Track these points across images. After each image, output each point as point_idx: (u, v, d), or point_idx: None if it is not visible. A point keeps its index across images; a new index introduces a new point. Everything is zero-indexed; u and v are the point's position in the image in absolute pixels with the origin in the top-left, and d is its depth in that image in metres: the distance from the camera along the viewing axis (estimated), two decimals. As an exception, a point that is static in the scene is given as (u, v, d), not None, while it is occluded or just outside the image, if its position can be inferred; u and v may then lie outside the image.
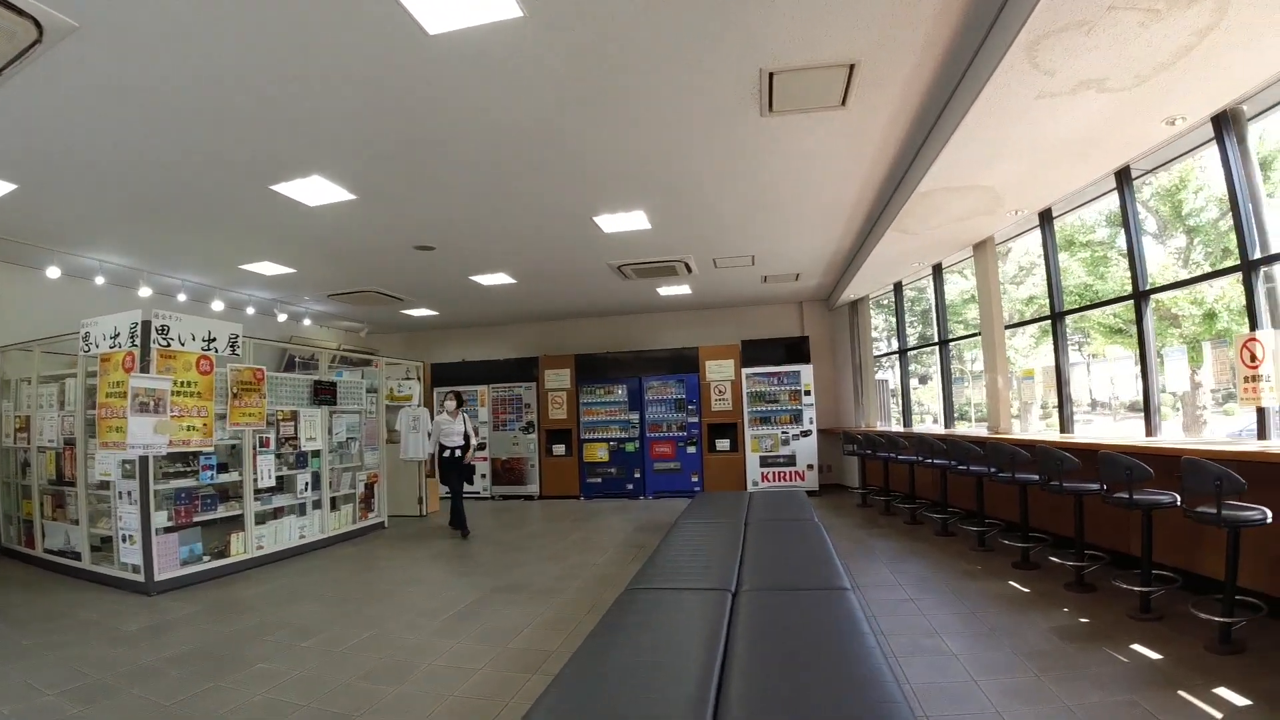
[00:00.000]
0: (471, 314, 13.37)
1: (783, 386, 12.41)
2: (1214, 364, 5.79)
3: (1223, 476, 4.12)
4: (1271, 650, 4.06)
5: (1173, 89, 4.62)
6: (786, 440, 12.26)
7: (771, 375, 12.47)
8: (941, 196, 6.58)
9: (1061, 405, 7.50)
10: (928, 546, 7.50)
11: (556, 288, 11.07)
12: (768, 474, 12.23)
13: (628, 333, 14.13)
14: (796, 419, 12.26)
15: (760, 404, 12.41)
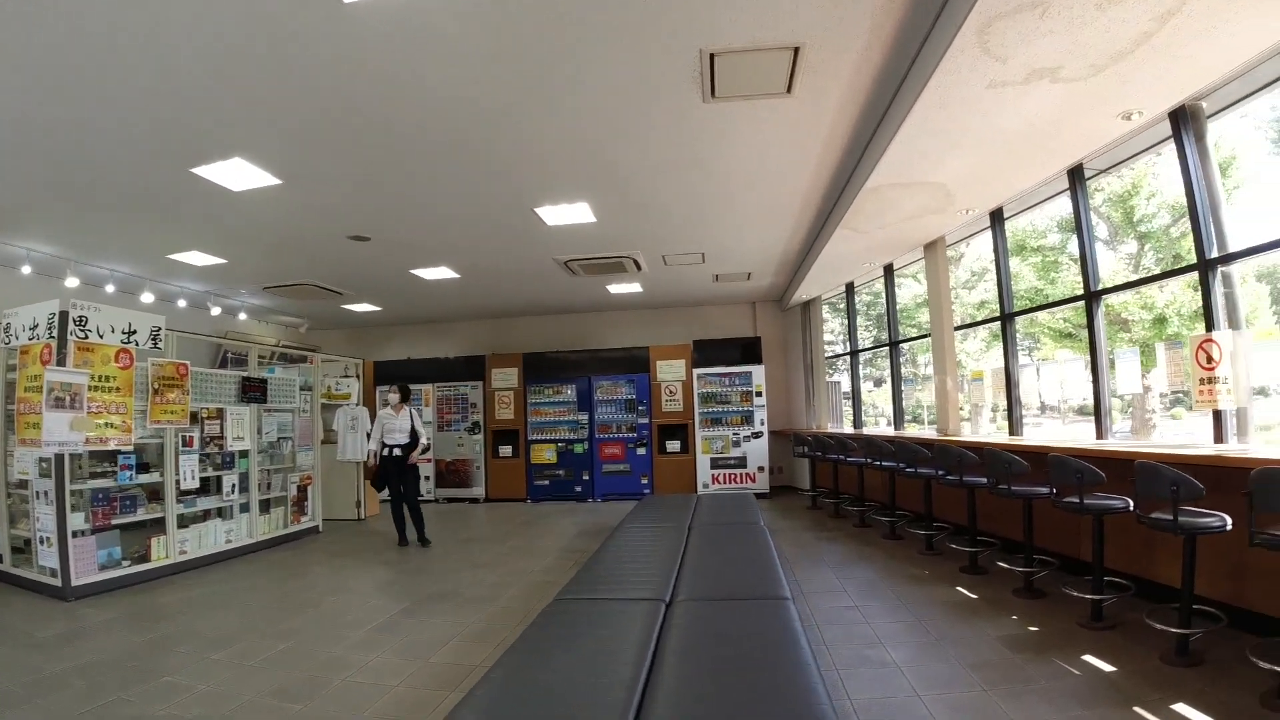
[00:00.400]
0: (416, 310, 12.94)
1: (734, 387, 12.23)
2: (1168, 366, 5.69)
3: (1179, 482, 3.98)
4: (1232, 662, 3.91)
5: (1130, 80, 4.48)
6: (738, 442, 12.08)
7: (723, 376, 12.29)
8: (891, 193, 6.42)
9: (1011, 408, 7.41)
10: (876, 550, 7.35)
11: (502, 283, 10.72)
12: (718, 476, 12.03)
13: (578, 331, 13.81)
14: (748, 420, 12.09)
15: (711, 405, 12.22)
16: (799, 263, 10.06)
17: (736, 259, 9.80)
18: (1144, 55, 4.14)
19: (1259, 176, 15.54)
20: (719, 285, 11.66)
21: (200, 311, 11.20)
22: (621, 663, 2.92)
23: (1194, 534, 4.02)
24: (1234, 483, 4.02)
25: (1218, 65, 4.39)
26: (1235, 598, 4.46)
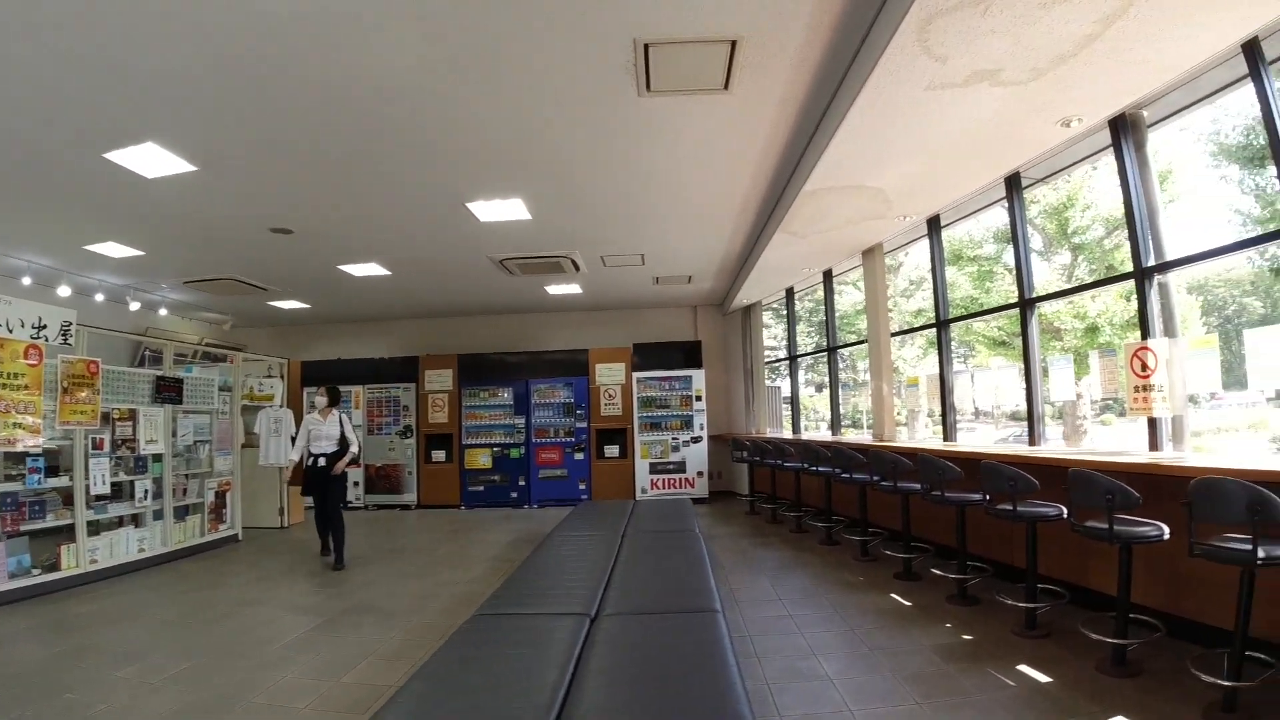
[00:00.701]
0: (346, 308, 12.48)
1: (674, 391, 12.10)
2: (1101, 374, 5.72)
3: (1115, 490, 3.94)
4: (1172, 674, 3.87)
5: (1071, 86, 4.46)
6: (677, 446, 11.94)
7: (663, 380, 12.15)
8: (829, 197, 6.36)
9: (945, 414, 7.42)
10: (811, 556, 7.28)
11: (436, 282, 10.38)
12: (657, 481, 11.88)
13: (515, 333, 13.51)
14: (687, 425, 11.96)
15: (651, 409, 12.07)
16: (739, 266, 9.99)
17: (676, 261, 9.68)
18: (1087, 59, 4.11)
19: (1196, 190, 16.06)
20: (660, 288, 11.53)
21: (120, 306, 10.62)
22: (538, 685, 2.73)
23: (1130, 543, 3.99)
24: (1171, 491, 4.00)
25: (1161, 72, 4.39)
26: (1174, 606, 4.45)
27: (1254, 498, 3.18)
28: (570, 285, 10.88)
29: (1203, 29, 3.86)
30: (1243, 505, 3.21)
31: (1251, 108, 4.71)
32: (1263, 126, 9.71)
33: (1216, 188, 11.59)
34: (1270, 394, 23.31)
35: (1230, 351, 5.77)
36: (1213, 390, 5.39)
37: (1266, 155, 10.25)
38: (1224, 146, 11.00)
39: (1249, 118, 10.73)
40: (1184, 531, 3.56)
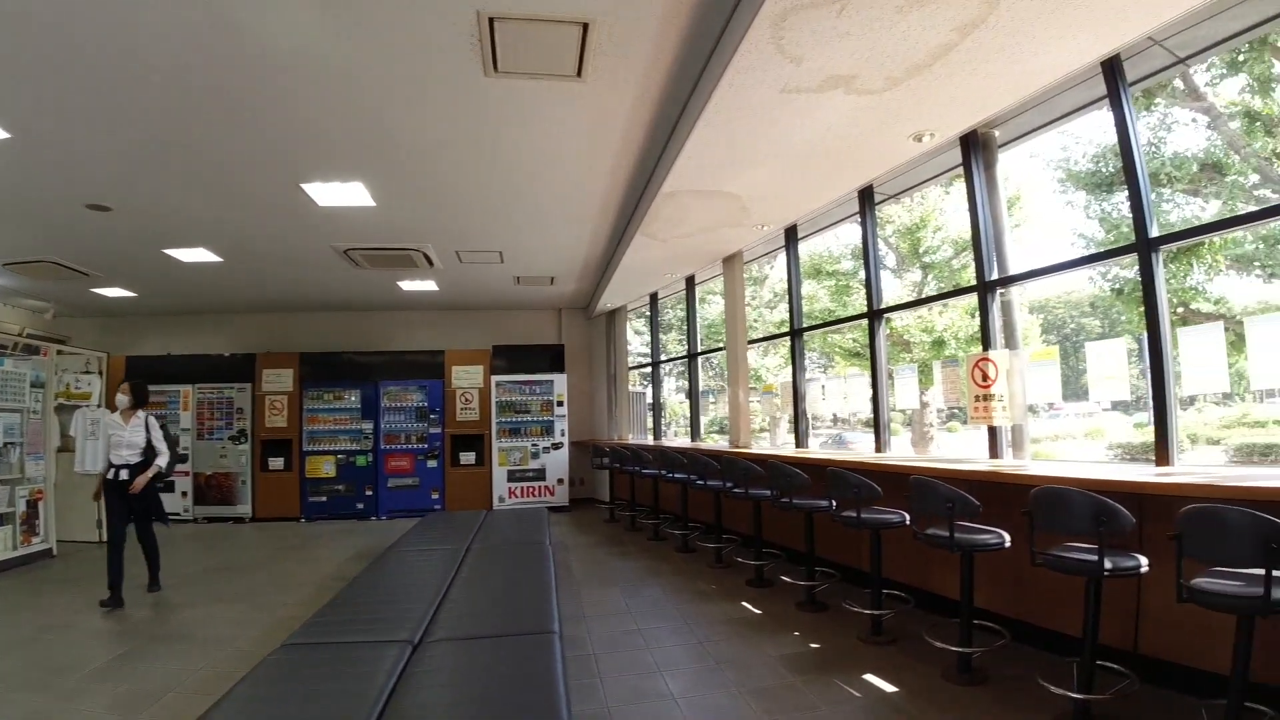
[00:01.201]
0: (178, 299, 11.34)
1: (535, 396, 11.74)
2: (944, 384, 5.86)
3: (955, 499, 3.95)
4: (1018, 681, 3.91)
5: (925, 98, 4.48)
6: (537, 453, 11.58)
7: (524, 384, 11.76)
8: (688, 200, 6.24)
9: (797, 421, 7.47)
10: (667, 565, 7.16)
11: (275, 271, 9.54)
12: (516, 490, 11.47)
13: (367, 331, 12.70)
14: (548, 431, 11.63)
15: (510, 414, 11.64)
16: (602, 269, 9.78)
17: (537, 261, 9.36)
18: (942, 71, 4.12)
19: (1042, 216, 17.14)
20: (522, 289, 11.15)
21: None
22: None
23: (971, 551, 4.01)
24: (1011, 498, 4.05)
25: (1016, 89, 4.44)
26: (1019, 612, 4.54)
27: (1099, 508, 3.22)
28: (425, 281, 10.31)
29: (1062, 44, 3.90)
30: (1087, 515, 3.25)
31: (1103, 134, 4.97)
32: (1112, 154, 10.36)
33: (1063, 213, 12.32)
34: (1107, 405, 25.19)
35: (1069, 366, 6.00)
36: (1051, 400, 5.61)
37: (1114, 181, 11.06)
38: (1072, 173, 11.69)
39: (1099, 144, 11.47)
40: (1026, 540, 3.57)
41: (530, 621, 3.61)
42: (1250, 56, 8.92)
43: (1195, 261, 9.81)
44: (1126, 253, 4.59)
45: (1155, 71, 5.12)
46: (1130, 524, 3.22)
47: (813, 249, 17.79)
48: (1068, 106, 5.38)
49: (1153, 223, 4.34)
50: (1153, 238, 4.30)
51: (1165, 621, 3.69)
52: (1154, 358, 4.28)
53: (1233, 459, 18.78)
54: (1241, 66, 9.22)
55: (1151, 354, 4.31)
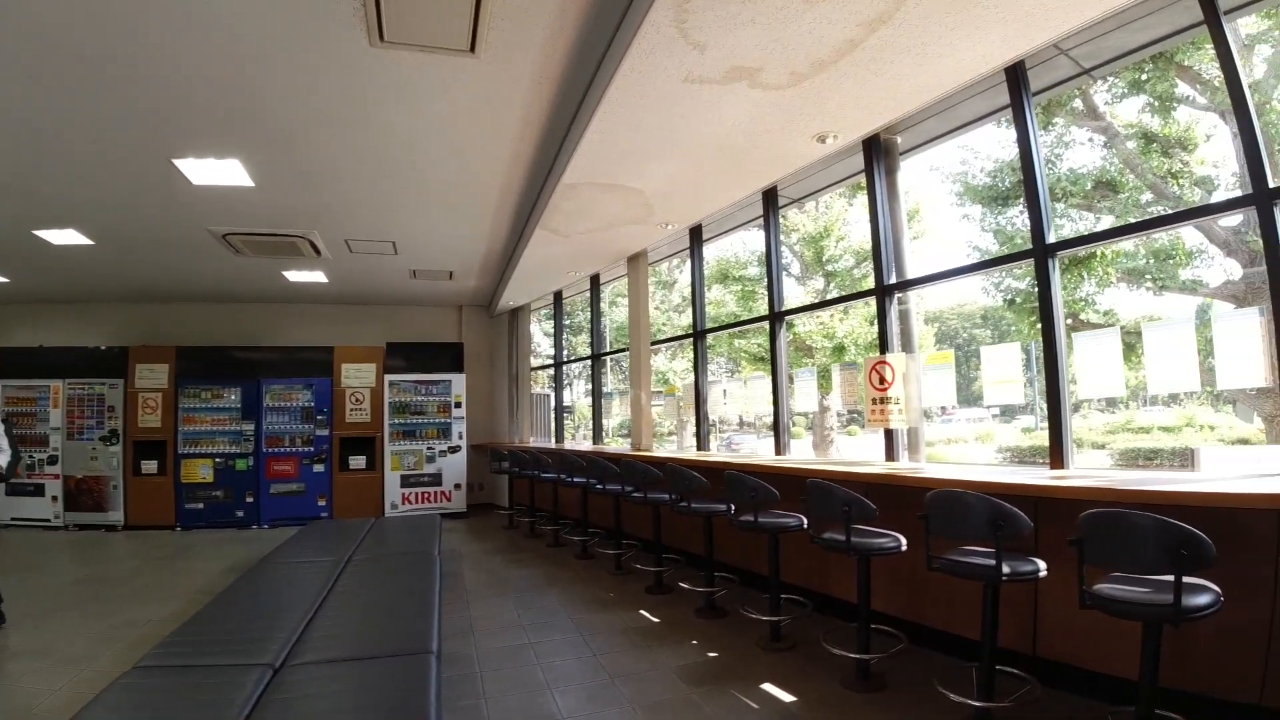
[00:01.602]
0: (52, 285, 10.30)
1: (431, 396, 11.21)
2: (843, 387, 5.82)
3: (852, 502, 3.85)
4: (914, 685, 3.84)
5: (829, 97, 4.40)
6: (433, 457, 11.05)
7: (419, 384, 11.21)
8: (590, 193, 6.02)
9: (699, 424, 7.35)
10: (565, 573, 6.90)
11: (148, 256, 8.75)
12: (410, 495, 10.91)
13: (251, 324, 11.88)
14: (445, 433, 11.14)
15: (404, 416, 11.08)
16: (503, 265, 9.44)
17: (434, 254, 8.93)
18: (847, 69, 4.03)
19: (940, 229, 17.55)
20: (419, 284, 10.66)
21: None
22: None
23: (868, 555, 3.92)
24: (908, 500, 3.99)
25: (920, 91, 4.40)
26: (917, 614, 4.50)
27: (997, 512, 3.15)
28: (313, 272, 9.71)
29: (969, 46, 3.86)
30: (985, 519, 3.17)
31: (1001, 149, 5.04)
32: (1009, 169, 10.66)
33: (959, 226, 12.75)
34: (996, 410, 26.32)
35: (961, 374, 6.05)
36: (944, 405, 5.66)
37: (1010, 196, 11.43)
38: (970, 187, 12.00)
39: (996, 160, 11.84)
40: (922, 545, 3.49)
41: (406, 641, 3.31)
42: (1154, 75, 9.30)
43: (1087, 273, 10.19)
44: (1025, 258, 4.65)
45: (1059, 82, 5.27)
46: (1028, 528, 3.17)
47: (720, 253, 17.92)
48: (969, 116, 5.47)
49: (1050, 229, 4.40)
50: (1050, 243, 4.36)
51: (1064, 625, 3.68)
52: (1049, 362, 4.33)
53: (1118, 462, 19.93)
54: (1144, 86, 9.61)
55: (1047, 359, 4.36)
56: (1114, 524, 2.71)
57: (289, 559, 5.49)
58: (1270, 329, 3.42)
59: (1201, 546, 2.47)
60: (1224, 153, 9.96)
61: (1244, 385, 3.65)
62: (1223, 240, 9.66)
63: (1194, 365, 3.73)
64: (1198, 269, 10.47)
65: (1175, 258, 10.31)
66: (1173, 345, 3.79)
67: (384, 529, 6.90)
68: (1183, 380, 3.82)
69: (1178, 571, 2.47)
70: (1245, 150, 3.47)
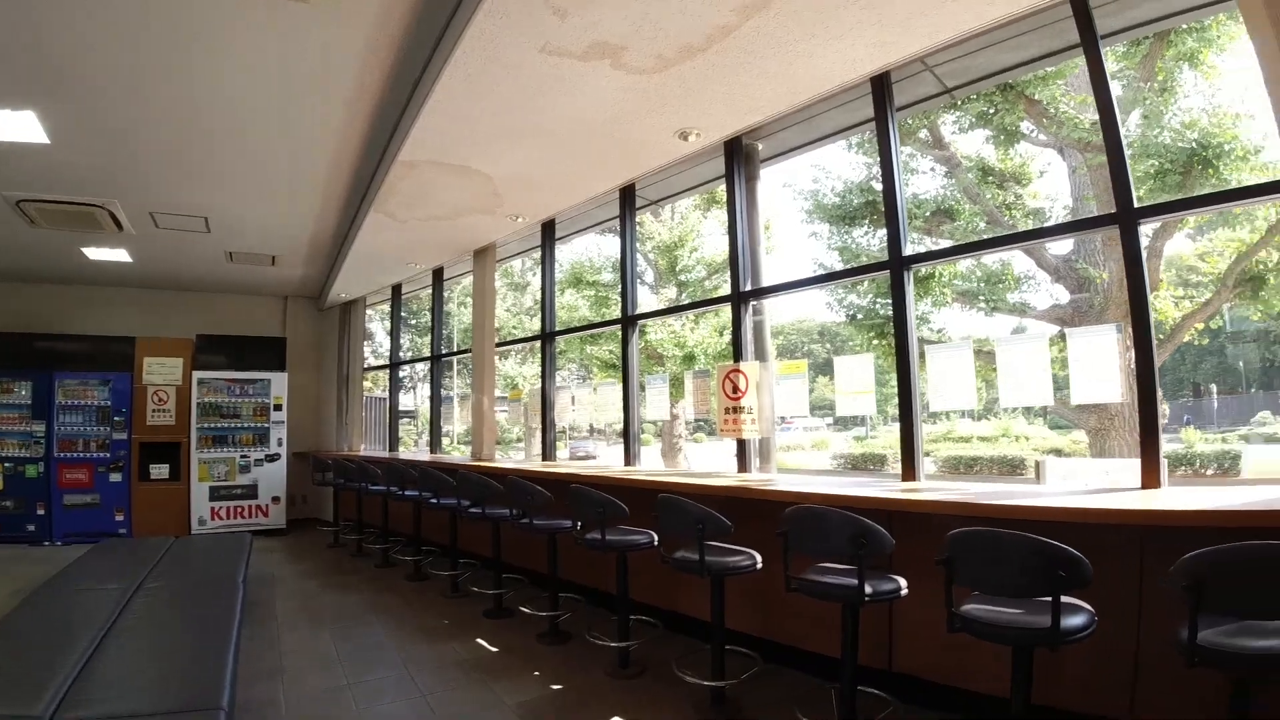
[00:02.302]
0: None
1: (248, 398, 10.05)
2: (694, 394, 5.59)
3: (705, 519, 3.56)
4: (772, 708, 3.63)
5: (695, 89, 4.19)
6: (248, 466, 9.90)
7: (234, 383, 10.01)
8: (431, 174, 5.49)
9: (545, 431, 6.92)
10: (394, 598, 6.25)
11: None
12: (220, 510, 9.70)
13: (45, 308, 10.15)
14: (263, 439, 10.04)
15: (216, 418, 9.86)
16: (334, 252, 8.56)
17: (254, 234, 7.94)
18: (716, 59, 3.83)
19: (788, 246, 18.09)
20: (238, 269, 9.51)
21: None
22: None
23: (722, 576, 3.64)
24: (762, 514, 3.74)
25: (788, 93, 4.30)
26: (774, 632, 4.30)
27: (857, 530, 2.93)
28: (115, 250, 8.40)
29: (840, 48, 3.79)
30: (845, 537, 2.96)
31: (852, 170, 5.02)
32: (858, 189, 10.98)
33: (807, 244, 13.10)
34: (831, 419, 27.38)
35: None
36: (783, 415, 5.57)
37: (857, 216, 11.75)
38: (820, 204, 12.25)
39: (846, 180, 12.17)
40: (780, 563, 3.25)
41: (192, 693, 2.72)
42: (1002, 108, 9.73)
43: (925, 293, 10.56)
44: (882, 269, 4.64)
45: (922, 99, 5.30)
46: (890, 545, 2.98)
47: (574, 256, 17.62)
48: (830, 128, 5.43)
49: (906, 242, 4.38)
50: (906, 256, 4.35)
51: (923, 640, 3.56)
52: (902, 374, 4.26)
53: (941, 469, 21.26)
54: (990, 119, 10.04)
55: (900, 370, 4.30)
56: (986, 543, 2.53)
57: (73, 585, 4.62)
58: (1124, 346, 3.47)
59: (1080, 567, 2.33)
60: (1058, 188, 10.66)
61: (1101, 400, 3.69)
62: (1053, 267, 10.33)
63: (1048, 381, 3.74)
64: (1025, 293, 11.13)
65: (1005, 282, 10.90)
66: (1026, 361, 3.80)
67: (185, 549, 6.02)
68: (1036, 395, 3.82)
69: (1055, 592, 2.32)
70: (1112, 169, 3.53)
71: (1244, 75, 7.62)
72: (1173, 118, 8.69)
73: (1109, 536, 2.88)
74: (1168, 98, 8.73)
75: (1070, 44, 4.32)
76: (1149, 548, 2.89)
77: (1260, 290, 9.39)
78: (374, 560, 7.75)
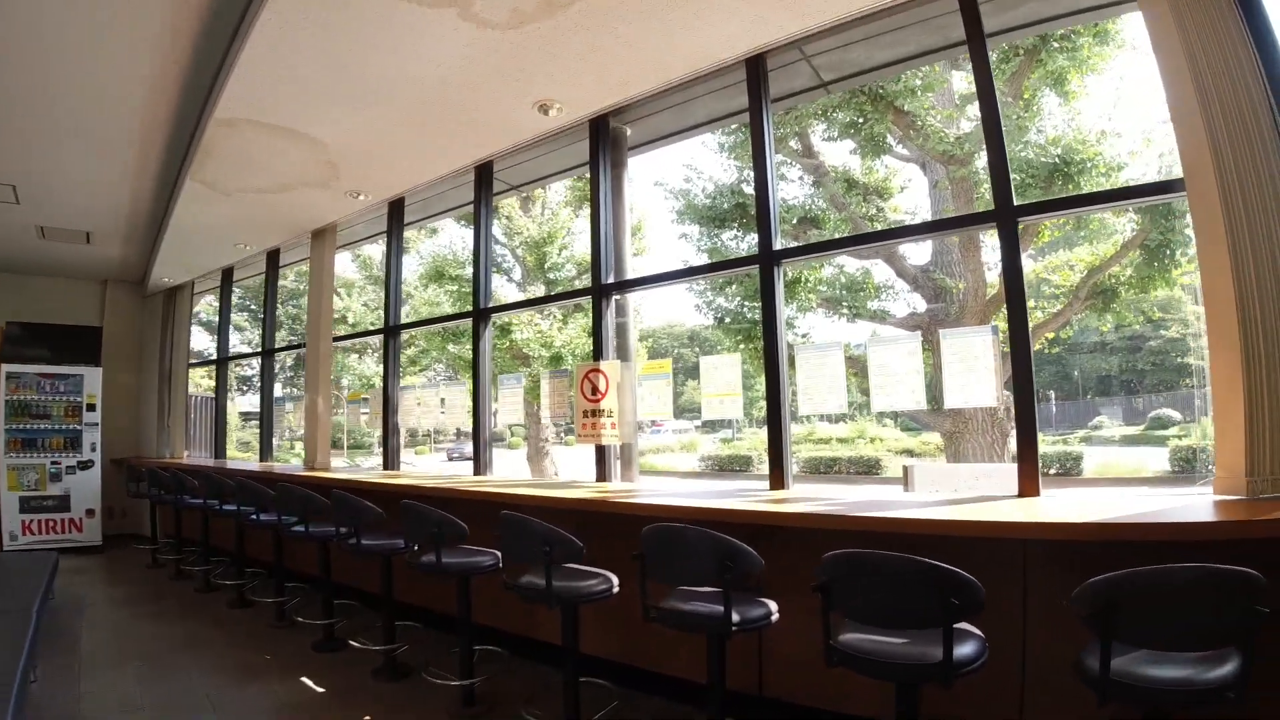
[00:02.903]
0: None
1: (59, 396, 8.78)
2: (552, 396, 5.11)
3: (553, 541, 3.10)
4: None
5: (557, 53, 3.79)
6: (59, 474, 8.64)
7: (45, 378, 8.73)
8: (254, 136, 4.79)
9: (387, 437, 6.24)
10: (213, 630, 5.42)
11: None
12: (31, 524, 8.39)
13: None
14: (74, 444, 8.77)
15: (26, 419, 8.55)
16: (154, 228, 7.51)
17: (66, 206, 6.83)
18: (580, 19, 3.48)
19: (657, 249, 17.58)
20: (51, 247, 8.22)
21: None
22: None
23: (575, 603, 3.19)
24: (621, 529, 3.33)
25: (657, 68, 4.01)
26: (634, 657, 3.94)
27: (723, 551, 2.57)
28: None
29: (715, 20, 3.55)
30: (709, 560, 2.61)
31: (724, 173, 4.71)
32: (729, 191, 10.83)
33: (677, 245, 12.88)
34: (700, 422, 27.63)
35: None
36: (653, 418, 5.21)
37: (728, 218, 11.59)
38: (691, 205, 12.03)
39: (718, 182, 12.01)
40: (637, 588, 2.86)
41: None
42: (872, 117, 9.75)
43: (792, 297, 10.55)
44: (752, 263, 4.44)
45: (798, 91, 5.05)
46: (759, 566, 2.64)
47: (436, 249, 16.77)
48: (703, 115, 5.16)
49: (778, 237, 4.15)
50: (777, 250, 4.11)
51: (795, 664, 3.28)
52: (770, 374, 4.01)
53: (802, 470, 21.69)
54: (860, 128, 10.07)
55: (768, 370, 4.04)
56: (869, 568, 2.21)
57: None
58: (998, 350, 3.33)
59: (973, 592, 2.06)
60: (918, 202, 10.87)
61: (976, 404, 3.53)
62: (912, 276, 10.57)
63: (920, 384, 3.57)
64: (884, 301, 11.31)
65: (865, 289, 11.03)
66: (900, 364, 3.62)
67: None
68: (906, 399, 3.62)
69: (947, 623, 2.03)
70: (992, 167, 3.45)
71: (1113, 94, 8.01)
72: (1036, 134, 8.99)
73: (990, 549, 2.65)
74: (1032, 115, 9.01)
75: (949, 42, 4.24)
76: (1032, 560, 2.71)
77: (1112, 303, 9.77)
78: (194, 584, 6.80)
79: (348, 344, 18.58)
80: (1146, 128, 10.87)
